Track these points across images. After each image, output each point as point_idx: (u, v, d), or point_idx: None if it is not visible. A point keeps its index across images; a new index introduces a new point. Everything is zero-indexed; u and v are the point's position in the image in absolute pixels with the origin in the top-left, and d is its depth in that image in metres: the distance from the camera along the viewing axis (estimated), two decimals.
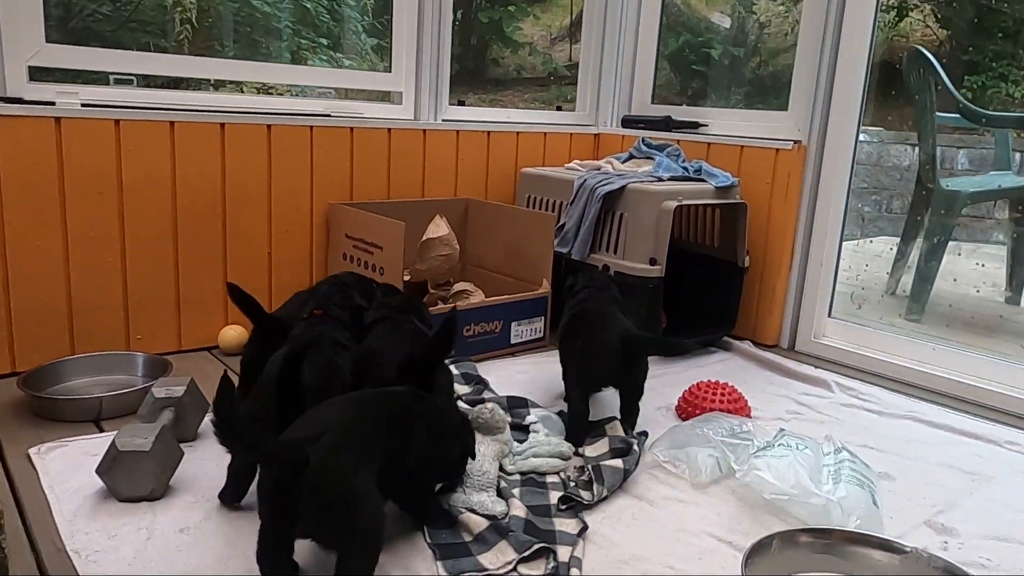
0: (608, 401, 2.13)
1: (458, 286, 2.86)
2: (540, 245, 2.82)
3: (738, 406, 2.22)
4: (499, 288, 2.84)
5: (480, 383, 2.33)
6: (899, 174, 4.80)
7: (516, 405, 2.16)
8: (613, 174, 2.92)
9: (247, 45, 3.73)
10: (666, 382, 2.51)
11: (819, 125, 2.81)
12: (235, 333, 2.57)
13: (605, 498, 1.75)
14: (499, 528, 1.56)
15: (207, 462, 1.77)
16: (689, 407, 2.24)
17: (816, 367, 2.77)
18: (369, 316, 1.90)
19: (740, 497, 1.76)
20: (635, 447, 1.89)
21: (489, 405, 1.89)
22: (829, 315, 2.99)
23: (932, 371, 2.65)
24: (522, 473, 1.86)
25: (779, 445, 1.75)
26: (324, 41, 3.90)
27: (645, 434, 2.04)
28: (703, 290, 2.97)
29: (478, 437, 1.85)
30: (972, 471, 2.00)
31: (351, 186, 2.89)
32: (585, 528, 1.62)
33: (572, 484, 1.81)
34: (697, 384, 2.29)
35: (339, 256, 2.79)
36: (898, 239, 3.72)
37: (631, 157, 3.16)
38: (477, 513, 1.60)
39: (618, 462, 1.82)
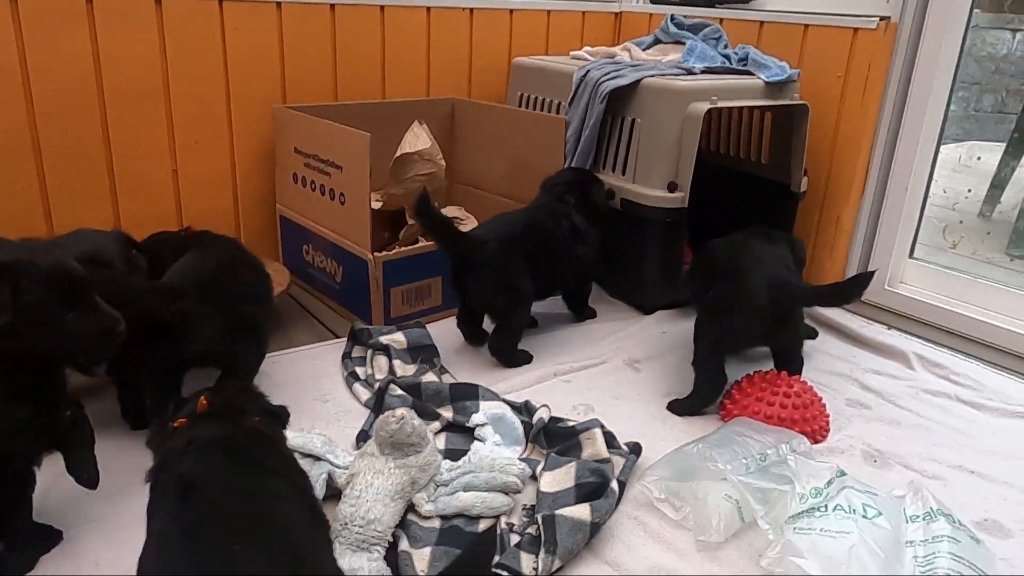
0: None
1: (446, 212, 2.25)
2: (549, 157, 2.12)
3: (808, 415, 1.53)
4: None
5: (426, 361, 1.71)
6: (994, 65, 4.03)
7: (461, 396, 1.54)
8: (626, 64, 2.17)
9: None
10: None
11: None
12: None
13: (559, 570, 1.15)
14: None
15: None
16: (739, 410, 1.55)
17: (889, 328, 2.09)
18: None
19: None
20: (613, 484, 1.26)
21: (399, 412, 1.28)
22: (911, 255, 2.27)
23: None
24: (444, 517, 1.26)
25: (835, 508, 1.09)
26: None
27: (638, 449, 1.42)
28: (742, 221, 2.25)
29: (371, 463, 1.25)
30: None
31: (282, 81, 2.22)
32: None
33: (516, 537, 1.21)
34: (757, 376, 1.60)
35: (288, 178, 2.14)
36: (989, 145, 3.05)
37: (656, 42, 2.43)
38: None
39: (583, 510, 1.19)
